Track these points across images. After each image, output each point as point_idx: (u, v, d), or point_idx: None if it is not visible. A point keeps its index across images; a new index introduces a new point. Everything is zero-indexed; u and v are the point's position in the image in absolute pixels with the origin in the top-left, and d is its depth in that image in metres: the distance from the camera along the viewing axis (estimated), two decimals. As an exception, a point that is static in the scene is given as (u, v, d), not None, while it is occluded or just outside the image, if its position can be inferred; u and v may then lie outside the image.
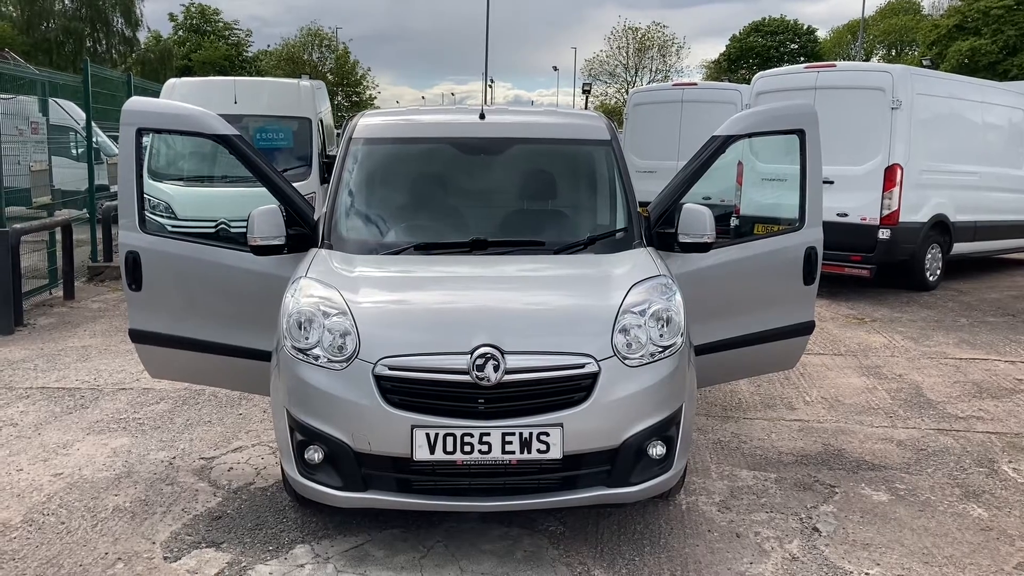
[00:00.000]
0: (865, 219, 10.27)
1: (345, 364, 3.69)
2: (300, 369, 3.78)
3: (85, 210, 11.62)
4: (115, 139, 15.94)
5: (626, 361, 3.73)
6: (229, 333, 4.75)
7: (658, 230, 4.81)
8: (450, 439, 3.57)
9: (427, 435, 3.57)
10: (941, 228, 10.89)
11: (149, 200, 10.26)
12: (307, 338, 3.82)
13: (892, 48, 64.28)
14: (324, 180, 11.19)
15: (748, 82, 12.88)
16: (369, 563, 3.82)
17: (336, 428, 3.68)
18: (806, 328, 5.25)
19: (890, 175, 10.13)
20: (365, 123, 5.18)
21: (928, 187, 10.55)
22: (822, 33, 66.12)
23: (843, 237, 9.95)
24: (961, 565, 3.84)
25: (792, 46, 63.59)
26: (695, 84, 14.95)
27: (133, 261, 4.73)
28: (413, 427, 3.57)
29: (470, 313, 3.86)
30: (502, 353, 3.59)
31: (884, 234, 10.20)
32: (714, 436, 5.51)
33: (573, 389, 3.65)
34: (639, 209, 4.93)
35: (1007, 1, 44.79)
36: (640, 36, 63.93)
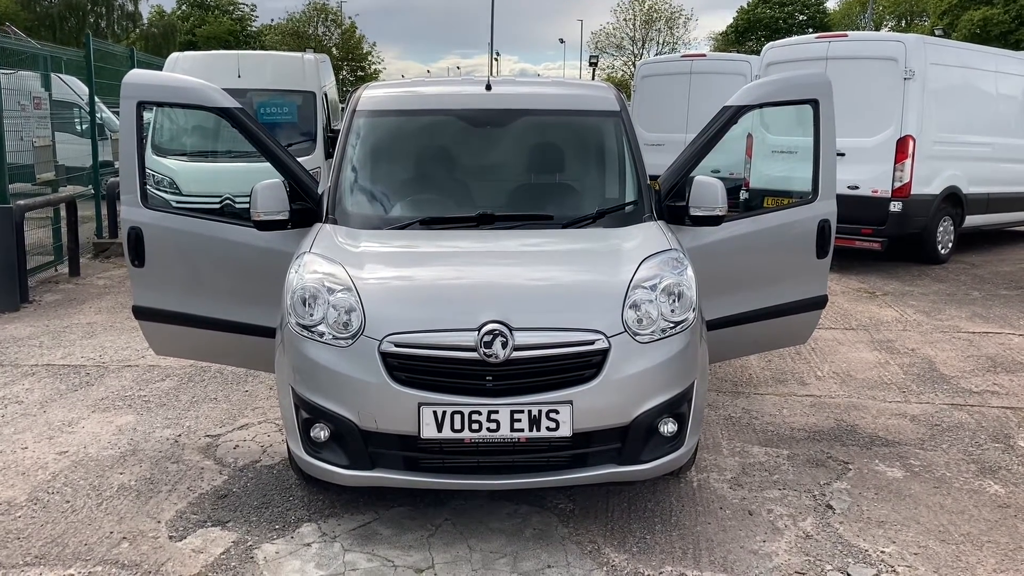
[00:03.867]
0: (877, 191, 10.14)
1: (350, 341, 3.63)
2: (305, 346, 3.72)
3: (90, 186, 11.54)
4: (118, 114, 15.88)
5: (637, 337, 3.66)
6: (233, 309, 4.69)
7: (668, 203, 4.73)
8: (458, 417, 3.51)
9: (434, 413, 3.50)
10: (953, 200, 10.75)
11: (153, 176, 10.19)
12: (311, 315, 3.75)
13: (902, 19, 63.47)
14: (328, 155, 11.09)
15: (757, 54, 12.71)
16: (377, 541, 3.77)
17: (342, 406, 3.62)
18: (819, 302, 5.18)
19: (902, 147, 9.99)
20: (369, 95, 5.09)
21: (940, 159, 10.40)
22: (831, 4, 65.25)
23: (854, 210, 9.82)
24: (979, 543, 3.78)
25: (801, 17, 62.79)
26: (704, 55, 14.77)
27: (136, 237, 4.67)
28: (420, 405, 3.51)
29: (477, 289, 3.78)
30: (510, 330, 3.52)
31: (896, 207, 10.08)
32: (725, 412, 5.44)
33: (583, 366, 3.58)
34: (649, 182, 4.84)
35: (1019, -30, 44.15)
36: (647, 8, 63.28)
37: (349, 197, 4.66)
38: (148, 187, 4.89)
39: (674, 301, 3.81)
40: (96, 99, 11.74)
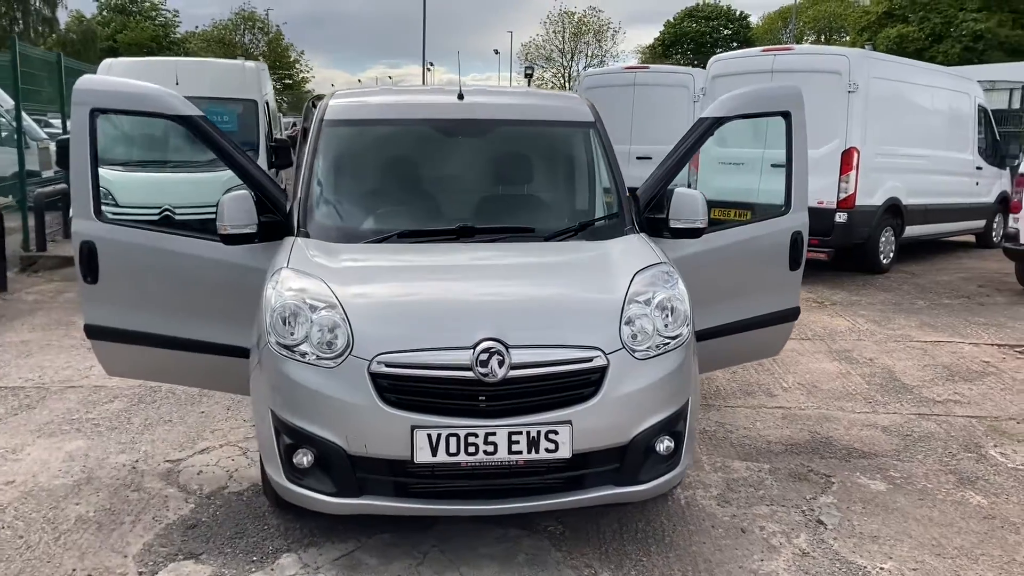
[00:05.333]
0: (822, 203, 10.27)
1: (337, 361, 3.44)
2: (286, 367, 3.52)
3: (11, 196, 11.01)
4: (44, 122, 15.22)
5: (635, 354, 3.56)
6: (197, 328, 4.45)
7: (648, 216, 4.66)
8: (453, 440, 3.35)
9: (429, 436, 3.34)
10: (894, 211, 10.97)
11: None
12: (292, 333, 3.56)
13: (822, 34, 65.29)
14: (272, 165, 10.81)
15: (696, 66, 12.80)
16: (363, 572, 3.59)
17: (328, 430, 3.43)
18: (792, 314, 5.17)
19: (847, 159, 10.16)
20: (338, 104, 4.90)
21: (882, 170, 10.61)
22: (754, 19, 66.86)
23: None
24: (973, 556, 3.77)
25: (725, 32, 64.26)
26: (647, 68, 14.88)
27: (88, 251, 4.41)
28: (413, 428, 3.35)
29: (470, 305, 3.64)
30: (507, 347, 3.38)
31: (841, 217, 10.23)
32: (699, 425, 5.39)
33: (581, 384, 3.47)
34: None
35: (933, -12, 45.82)
36: (576, 21, 63.91)
37: (322, 210, 4.47)
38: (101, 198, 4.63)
39: (668, 316, 3.72)
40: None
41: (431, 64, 70.76)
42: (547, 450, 3.39)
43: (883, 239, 10.94)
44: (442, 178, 4.89)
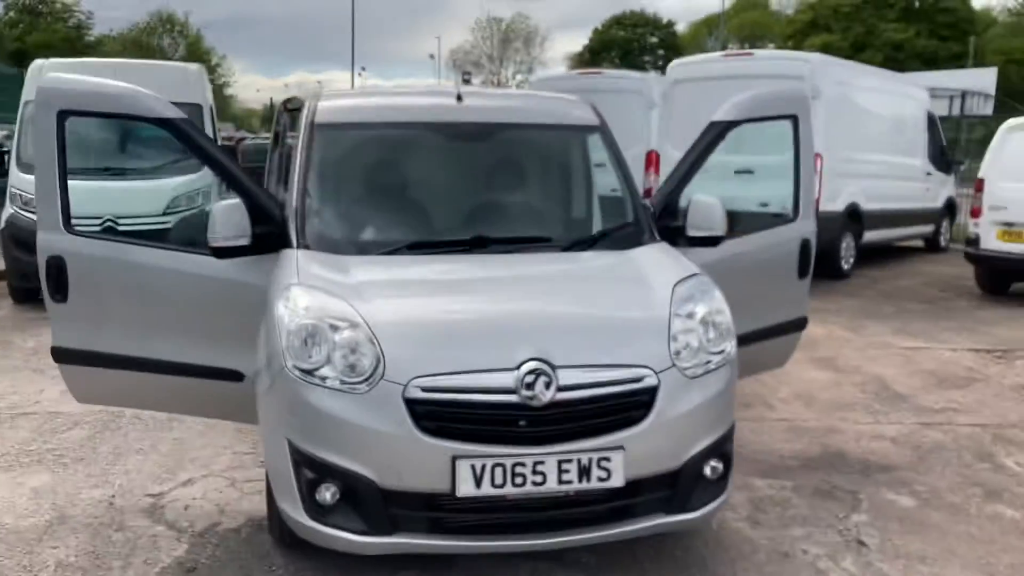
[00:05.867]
0: (787, 208, 10.22)
1: (367, 386, 3.11)
2: (308, 393, 3.18)
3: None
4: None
5: (685, 372, 3.32)
6: (182, 350, 4.07)
7: (661, 224, 4.44)
8: (499, 470, 3.06)
9: (472, 467, 3.04)
10: (854, 216, 11.02)
11: (20, 196, 9.14)
12: (310, 356, 3.22)
13: (746, 42, 66.57)
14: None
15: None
16: (391, 616, 3.27)
17: (357, 462, 3.10)
18: (801, 324, 5.05)
19: (815, 163, 10.12)
20: (329, 106, 4.54)
21: (843, 176, 10.64)
22: (680, 27, 67.84)
23: (766, 227, 9.88)
24: (1026, 575, 3.64)
25: (652, 39, 65.03)
26: (600, 72, 14.76)
27: (57, 268, 4.01)
28: (455, 458, 3.04)
29: (509, 323, 3.35)
30: (553, 368, 3.11)
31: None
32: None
33: (632, 406, 3.20)
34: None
35: (855, 0, 47.19)
36: (505, 27, 63.91)
37: (322, 220, 4.12)
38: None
39: (713, 330, 3.49)
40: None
41: (363, 69, 69.90)
42: (599, 479, 3.12)
43: (844, 244, 10.97)
44: (446, 185, 4.59)
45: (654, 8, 66.08)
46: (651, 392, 3.22)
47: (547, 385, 3.08)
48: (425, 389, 3.08)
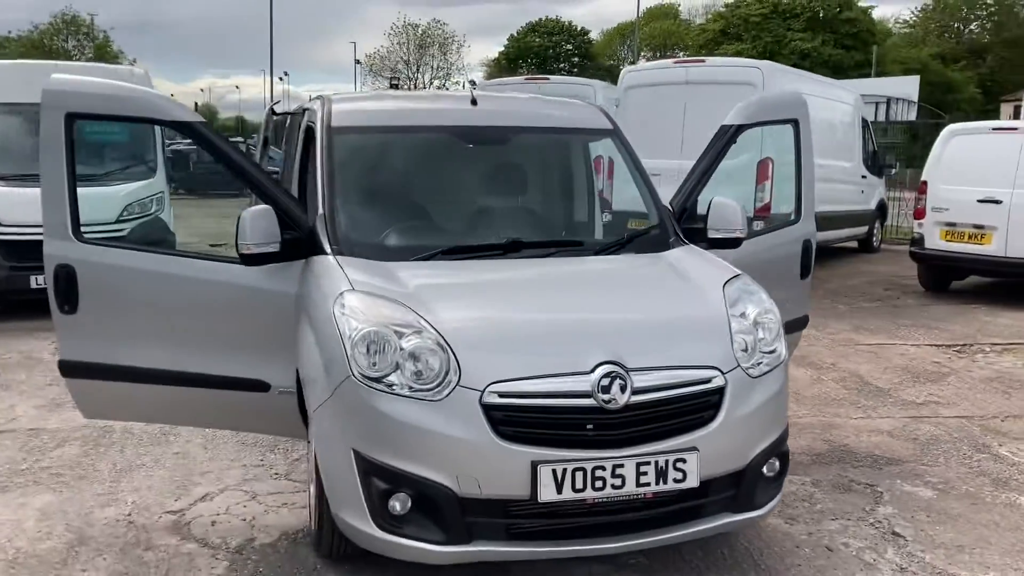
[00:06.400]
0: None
1: (442, 393, 3.06)
2: (379, 402, 3.10)
3: None
4: None
5: (748, 372, 3.36)
6: (202, 361, 3.94)
7: (681, 226, 4.50)
8: (580, 474, 3.04)
9: (553, 472, 3.01)
10: (801, 219, 11.31)
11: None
12: (375, 364, 3.14)
13: (657, 50, 67.79)
14: (172, 179, 10.02)
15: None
16: (461, 626, 3.22)
17: (434, 470, 3.04)
18: (803, 322, 5.17)
19: (762, 169, 10.36)
20: (344, 109, 4.46)
21: (790, 179, 10.91)
22: (594, 35, 68.67)
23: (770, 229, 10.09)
24: (1061, 559, 3.80)
25: (567, 47, 65.68)
26: (547, 79, 14.81)
27: (66, 277, 3.85)
28: (536, 463, 3.01)
29: (578, 326, 3.34)
30: (626, 371, 3.11)
31: (759, 226, 10.43)
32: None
33: (702, 407, 3.23)
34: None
35: (763, 10, 48.64)
36: (421, 33, 63.62)
37: (355, 225, 4.02)
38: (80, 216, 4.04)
39: (764, 330, 3.55)
40: None
41: (285, 73, 68.80)
42: (675, 480, 3.13)
43: (793, 246, 11.25)
44: (470, 189, 4.56)
45: (564, 17, 66.42)
46: (719, 393, 3.25)
47: (622, 388, 3.08)
48: (503, 395, 3.05)
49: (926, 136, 18.16)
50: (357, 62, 60.70)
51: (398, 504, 3.09)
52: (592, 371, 3.09)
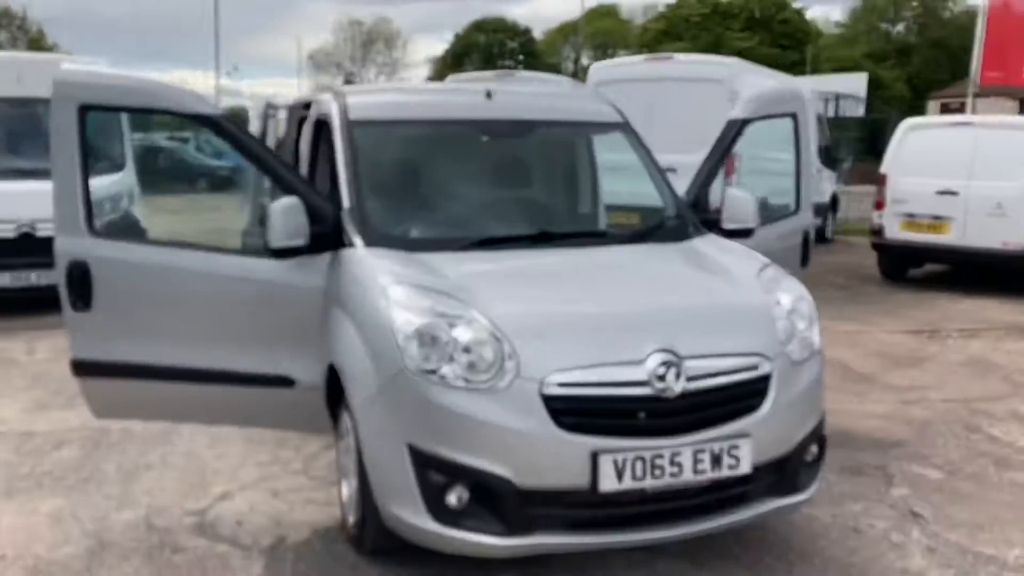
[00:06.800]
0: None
1: (499, 384, 3.05)
2: (436, 394, 3.08)
3: None
4: None
5: (791, 358, 3.43)
6: (225, 357, 3.89)
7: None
8: (639, 463, 3.06)
9: (614, 461, 3.03)
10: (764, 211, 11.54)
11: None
12: (429, 356, 3.12)
13: (599, 49, 68.12)
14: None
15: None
16: (520, 618, 3.22)
17: (494, 461, 3.03)
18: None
19: (729, 163, 10.53)
20: (361, 102, 4.41)
21: (754, 173, 11.11)
22: (537, 33, 68.80)
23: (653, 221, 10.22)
24: (1076, 533, 3.94)
25: (512, 45, 65.69)
26: (512, 74, 14.76)
27: (81, 273, 3.75)
28: (597, 453, 3.02)
29: (630, 315, 3.35)
30: (680, 358, 3.15)
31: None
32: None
33: (751, 393, 3.28)
34: None
35: (703, 11, 49.34)
36: (366, 29, 63.08)
37: (384, 217, 3.98)
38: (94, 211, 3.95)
39: (800, 317, 3.61)
40: None
41: (235, 68, 67.44)
42: (729, 466, 3.18)
43: (756, 237, 11.46)
44: (490, 180, 4.57)
45: (505, 14, 66.39)
46: (766, 379, 3.31)
47: (677, 376, 3.11)
48: (562, 385, 3.05)
49: (875, 131, 18.69)
50: (310, 57, 59.73)
51: (456, 497, 3.08)
52: (647, 359, 3.11)
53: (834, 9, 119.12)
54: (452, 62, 61.62)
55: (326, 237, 3.81)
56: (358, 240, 3.77)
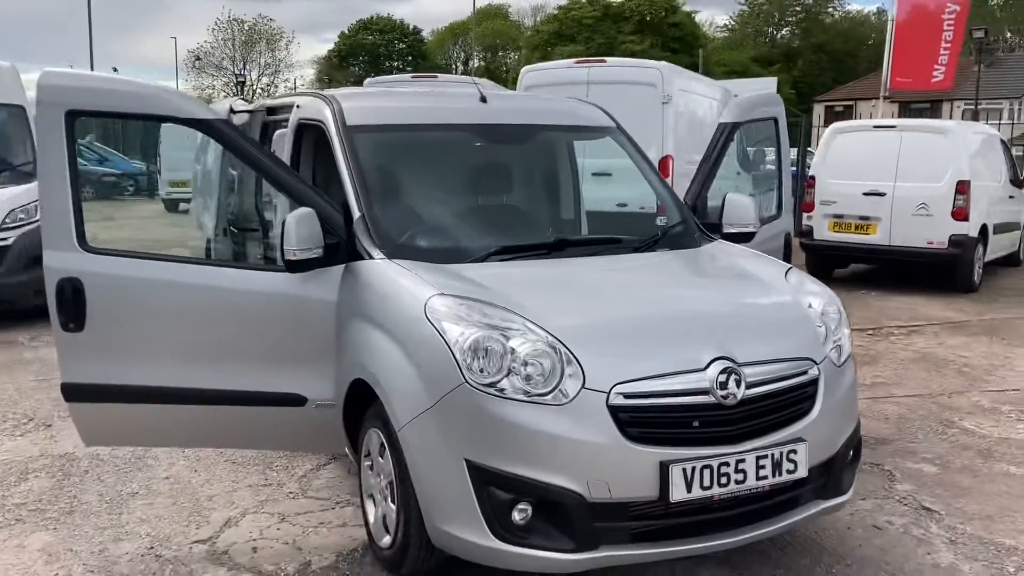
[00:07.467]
0: (644, 208, 10.71)
1: (565, 396, 2.97)
2: (497, 408, 2.97)
3: None
4: None
5: (834, 362, 3.46)
6: (232, 377, 3.70)
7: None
8: (707, 472, 3.03)
9: (683, 471, 2.99)
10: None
11: None
12: (483, 369, 3.02)
13: (489, 51, 68.45)
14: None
15: (360, 82, 12.64)
16: (580, 635, 3.13)
17: (563, 476, 2.95)
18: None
19: (663, 166, 10.65)
20: (355, 107, 4.21)
21: (687, 176, 11.29)
22: (426, 34, 68.57)
23: (625, 226, 10.31)
24: (1081, 520, 4.11)
25: (400, 46, 65.29)
26: (435, 76, 14.58)
27: (73, 291, 3.52)
28: (668, 463, 2.97)
29: (684, 323, 3.32)
30: (738, 365, 3.13)
31: (661, 220, 10.73)
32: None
33: (802, 398, 3.29)
34: None
35: (595, 13, 50.15)
36: (247, 28, 61.43)
37: (398, 227, 3.83)
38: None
39: (832, 320, 3.65)
40: None
41: (114, 69, 64.78)
42: (788, 471, 3.17)
43: (691, 240, 11.66)
44: (493, 187, 4.49)
45: (388, 15, 65.63)
46: (815, 383, 3.33)
47: (738, 383, 3.10)
48: (628, 396, 3.00)
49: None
50: (198, 58, 57.71)
51: (521, 514, 2.98)
52: (708, 367, 3.09)
53: (718, 13, 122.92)
54: (339, 63, 60.80)
55: (338, 248, 3.65)
56: (377, 252, 3.61)
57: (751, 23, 61.09)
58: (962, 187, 9.95)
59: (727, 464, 3.05)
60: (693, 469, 3.00)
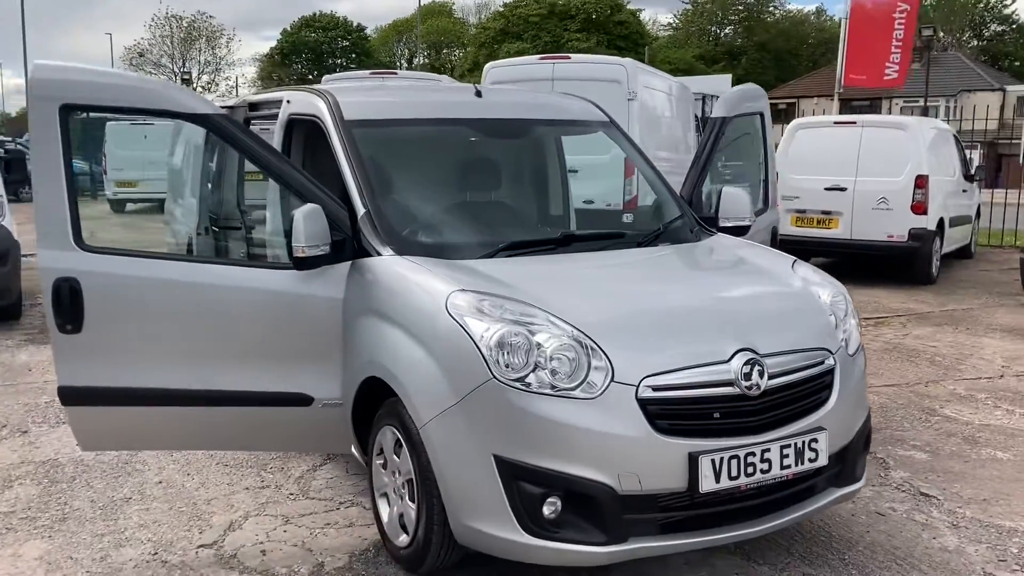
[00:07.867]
0: (610, 205, 10.77)
1: (594, 389, 2.96)
2: (526, 403, 2.95)
3: None
4: None
5: (847, 351, 3.51)
6: (237, 377, 3.63)
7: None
8: (734, 462, 3.04)
9: (712, 462, 3.00)
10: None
11: None
12: (509, 364, 3.00)
13: (434, 48, 68.18)
14: (7, 181, 8.96)
15: (304, 79, 12.53)
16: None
17: (594, 469, 2.94)
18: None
19: (629, 163, 10.73)
20: (351, 101, 4.14)
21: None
22: (370, 31, 68.05)
23: (591, 223, 10.35)
24: (1075, 502, 4.22)
25: (344, 43, 64.66)
26: (395, 72, 14.46)
27: (70, 292, 3.42)
28: (697, 454, 2.98)
29: (705, 316, 3.33)
30: (761, 356, 3.16)
31: (628, 218, 10.79)
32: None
33: (821, 388, 3.34)
34: None
35: (541, 11, 50.26)
36: (186, 25, 60.34)
37: (404, 223, 3.78)
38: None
39: (842, 310, 3.69)
40: None
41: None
42: (810, 459, 3.21)
43: (653, 236, 11.76)
44: (497, 181, 4.44)
45: (328, 11, 64.97)
46: (831, 372, 3.37)
47: (761, 374, 3.12)
48: (656, 388, 3.00)
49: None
50: (140, 55, 56.40)
51: (551, 508, 2.97)
52: (732, 359, 3.10)
53: (662, 11, 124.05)
54: (281, 60, 60.02)
55: (344, 244, 3.60)
56: (385, 248, 3.56)
57: (695, 22, 61.86)
58: (921, 181, 10.18)
59: (753, 454, 3.07)
60: (721, 460, 3.02)
